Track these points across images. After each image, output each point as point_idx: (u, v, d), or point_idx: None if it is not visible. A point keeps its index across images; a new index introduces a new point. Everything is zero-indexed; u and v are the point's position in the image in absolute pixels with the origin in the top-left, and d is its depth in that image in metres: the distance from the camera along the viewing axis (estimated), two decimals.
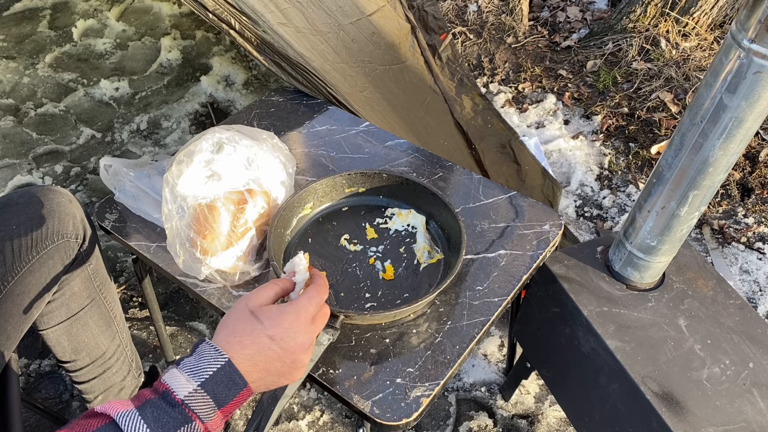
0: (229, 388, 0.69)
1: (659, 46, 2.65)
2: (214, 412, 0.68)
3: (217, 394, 0.69)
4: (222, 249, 1.07)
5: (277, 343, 0.72)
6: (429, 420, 1.57)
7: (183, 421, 0.66)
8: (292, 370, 0.74)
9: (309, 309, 0.76)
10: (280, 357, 0.73)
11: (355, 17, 1.68)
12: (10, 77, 2.69)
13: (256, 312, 0.74)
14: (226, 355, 0.70)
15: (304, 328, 0.74)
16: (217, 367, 0.69)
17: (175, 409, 0.66)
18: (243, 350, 0.71)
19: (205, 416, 0.68)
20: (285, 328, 0.73)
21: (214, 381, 0.69)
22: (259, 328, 0.72)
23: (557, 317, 1.22)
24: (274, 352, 0.72)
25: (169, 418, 0.66)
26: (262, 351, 0.71)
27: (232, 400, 0.70)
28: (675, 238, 1.08)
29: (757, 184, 2.18)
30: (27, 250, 1.07)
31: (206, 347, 0.71)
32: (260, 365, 0.71)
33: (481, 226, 1.21)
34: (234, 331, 0.72)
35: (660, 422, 0.99)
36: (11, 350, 1.07)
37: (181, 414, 0.66)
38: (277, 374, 0.74)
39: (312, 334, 0.76)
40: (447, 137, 1.82)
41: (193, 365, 0.69)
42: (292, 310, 0.74)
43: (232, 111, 2.52)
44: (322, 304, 0.79)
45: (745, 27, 0.80)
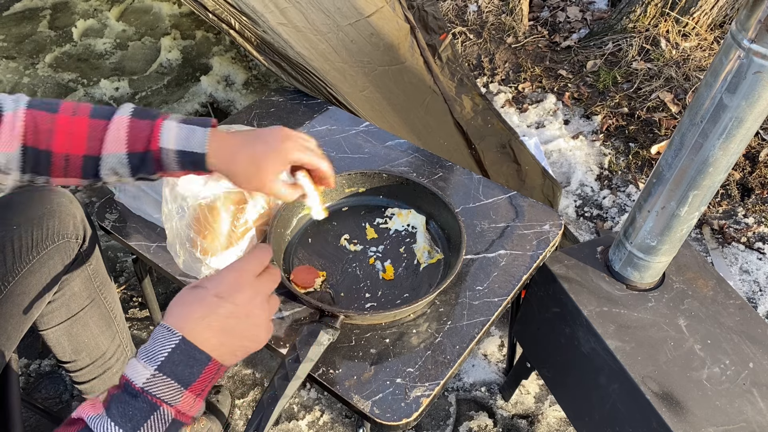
0: (191, 366, 0.68)
1: (659, 46, 2.65)
2: (181, 393, 0.67)
3: (178, 374, 0.67)
4: (222, 249, 1.07)
5: (226, 299, 0.70)
6: (429, 420, 1.57)
7: (149, 409, 0.65)
8: (252, 327, 0.73)
9: (250, 265, 0.75)
10: (233, 313, 0.71)
11: (354, 18, 1.68)
12: (10, 77, 2.69)
13: (199, 283, 0.73)
14: (179, 332, 0.68)
15: (249, 281, 0.73)
16: (171, 347, 0.68)
17: (137, 399, 0.65)
18: (195, 318, 0.69)
19: (172, 399, 0.66)
20: (229, 283, 0.72)
21: (171, 362, 0.67)
22: (203, 292, 0.71)
23: (557, 317, 1.22)
24: (225, 309, 0.70)
25: (135, 410, 0.65)
26: (213, 310, 0.70)
27: (199, 377, 0.68)
28: (675, 238, 1.08)
29: (757, 184, 2.18)
30: (27, 251, 1.07)
31: (159, 329, 0.69)
32: (215, 326, 0.69)
33: (481, 226, 1.21)
34: (182, 304, 0.71)
35: (660, 422, 0.99)
36: (11, 350, 1.07)
37: (145, 402, 0.65)
38: (239, 335, 0.72)
39: (259, 288, 0.74)
40: (447, 137, 1.82)
41: (149, 350, 0.68)
42: (232, 268, 0.73)
43: (232, 111, 2.52)
44: (267, 264, 0.77)
45: (745, 27, 0.81)
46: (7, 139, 0.80)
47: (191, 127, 0.87)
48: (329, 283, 1.12)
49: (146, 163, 0.86)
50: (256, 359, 1.69)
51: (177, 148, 0.86)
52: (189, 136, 0.86)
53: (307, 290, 1.09)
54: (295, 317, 1.06)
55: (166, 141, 0.86)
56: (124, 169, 0.86)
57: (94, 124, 0.84)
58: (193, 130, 0.87)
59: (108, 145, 0.84)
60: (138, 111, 0.87)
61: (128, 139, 0.85)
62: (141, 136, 0.85)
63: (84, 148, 0.84)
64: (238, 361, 0.74)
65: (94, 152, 0.84)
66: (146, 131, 0.85)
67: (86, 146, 0.84)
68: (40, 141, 0.82)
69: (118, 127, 0.84)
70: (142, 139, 0.85)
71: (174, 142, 0.86)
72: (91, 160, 0.85)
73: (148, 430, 0.65)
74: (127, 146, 0.85)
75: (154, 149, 0.86)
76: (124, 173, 0.87)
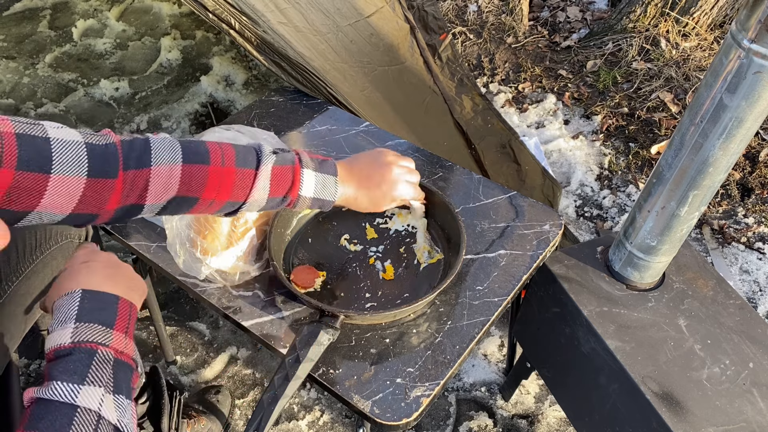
0: (104, 309, 0.74)
1: (659, 46, 2.65)
2: (110, 333, 0.72)
3: (98, 318, 0.73)
4: (222, 249, 1.07)
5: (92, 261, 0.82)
6: (429, 420, 1.57)
7: (88, 357, 0.68)
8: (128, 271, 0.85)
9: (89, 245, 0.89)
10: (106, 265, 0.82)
11: (354, 19, 1.68)
12: (10, 77, 2.69)
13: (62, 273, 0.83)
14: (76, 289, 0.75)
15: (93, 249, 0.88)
16: (77, 301, 0.73)
17: (72, 353, 0.68)
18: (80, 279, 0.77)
19: (104, 339, 0.71)
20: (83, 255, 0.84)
21: (85, 311, 0.73)
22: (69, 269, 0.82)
23: (557, 317, 1.22)
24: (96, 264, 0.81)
25: (74, 363, 0.67)
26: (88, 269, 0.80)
27: (117, 315, 0.75)
28: (675, 238, 1.08)
29: (757, 184, 2.18)
30: (31, 251, 1.07)
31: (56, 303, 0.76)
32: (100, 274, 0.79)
33: (481, 226, 1.21)
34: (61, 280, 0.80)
35: (660, 422, 1.00)
36: (13, 350, 1.07)
37: (81, 352, 0.68)
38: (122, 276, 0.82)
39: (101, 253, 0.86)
40: (447, 137, 1.82)
41: (58, 318, 0.73)
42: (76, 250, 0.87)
43: (232, 111, 2.52)
44: None
45: (745, 27, 0.81)
46: (159, 192, 0.81)
47: (325, 176, 0.95)
48: (329, 283, 1.12)
49: (281, 204, 0.93)
50: (256, 359, 1.70)
51: (313, 196, 0.94)
52: (324, 185, 0.94)
53: (307, 290, 1.09)
54: (295, 317, 1.06)
55: (305, 190, 0.92)
56: (258, 208, 0.92)
57: (241, 173, 0.87)
58: (327, 179, 0.95)
59: (254, 193, 0.88)
60: (279, 158, 0.91)
61: (272, 187, 0.90)
62: (283, 184, 0.91)
63: (229, 195, 0.87)
64: (140, 301, 0.83)
65: (238, 198, 0.88)
66: (288, 180, 0.91)
67: (232, 194, 0.87)
68: (190, 191, 0.84)
69: (264, 177, 0.88)
70: (284, 187, 0.91)
71: (312, 191, 0.93)
72: (232, 204, 0.89)
73: (96, 374, 0.68)
74: (270, 193, 0.89)
75: (293, 196, 0.92)
76: (255, 210, 0.93)
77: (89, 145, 0.74)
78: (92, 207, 0.75)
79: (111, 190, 0.76)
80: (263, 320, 1.06)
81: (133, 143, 0.79)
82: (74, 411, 0.64)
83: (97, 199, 0.75)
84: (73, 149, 0.72)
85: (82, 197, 0.73)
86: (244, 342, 1.73)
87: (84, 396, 0.65)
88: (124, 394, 0.69)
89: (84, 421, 0.64)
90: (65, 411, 0.64)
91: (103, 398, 0.66)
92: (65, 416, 0.63)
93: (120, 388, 0.69)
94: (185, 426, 1.40)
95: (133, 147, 0.78)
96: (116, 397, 0.68)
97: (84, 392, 0.65)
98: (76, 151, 0.72)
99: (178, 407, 1.28)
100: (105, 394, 0.66)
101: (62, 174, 0.71)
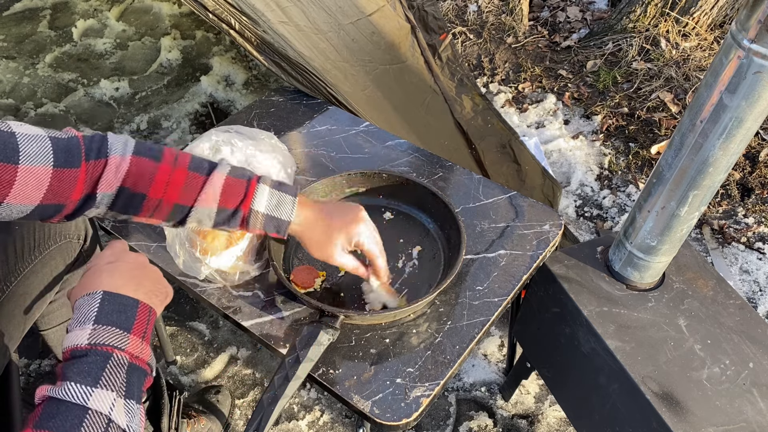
0: (124, 312, 0.74)
1: (659, 46, 2.65)
2: (126, 337, 0.72)
3: (116, 321, 0.73)
4: (222, 249, 1.07)
5: (118, 261, 0.82)
6: (429, 420, 1.57)
7: (103, 360, 0.69)
8: (154, 274, 0.84)
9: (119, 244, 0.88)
10: (132, 266, 0.82)
11: (355, 17, 1.68)
12: (10, 77, 2.69)
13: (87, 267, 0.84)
14: (98, 290, 0.75)
15: (126, 250, 0.86)
16: (98, 303, 0.74)
17: (88, 355, 0.69)
18: (104, 280, 0.77)
19: (120, 343, 0.71)
20: (111, 254, 0.84)
21: (104, 313, 0.73)
22: (95, 268, 0.81)
23: (557, 317, 1.22)
24: (123, 265, 0.81)
25: (89, 365, 0.68)
26: (114, 269, 0.80)
27: (135, 319, 0.75)
28: (675, 238, 1.08)
29: (757, 184, 2.18)
30: (30, 251, 1.07)
31: (77, 302, 0.76)
32: (125, 276, 0.79)
33: (481, 226, 1.21)
34: (86, 279, 0.80)
35: (660, 422, 1.00)
36: (13, 350, 1.07)
37: (96, 355, 0.69)
38: (148, 279, 0.81)
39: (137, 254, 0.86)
40: (447, 137, 1.82)
41: (77, 318, 0.73)
42: (105, 250, 0.86)
43: (232, 111, 2.52)
44: None
45: (745, 27, 0.81)
46: (111, 180, 0.83)
47: (282, 194, 0.92)
48: (329, 283, 1.12)
49: (233, 219, 0.91)
50: (256, 359, 1.70)
51: (266, 213, 0.91)
52: (279, 203, 0.92)
53: (307, 290, 1.09)
54: (295, 317, 1.06)
55: (258, 204, 0.90)
56: (209, 220, 0.90)
57: (192, 177, 0.88)
58: (284, 197, 0.92)
59: (202, 198, 0.88)
60: (234, 169, 0.91)
61: (222, 197, 0.89)
62: (235, 195, 0.89)
63: (177, 197, 0.87)
64: (162, 306, 0.82)
65: (186, 202, 0.88)
66: (241, 192, 0.89)
67: (180, 196, 0.87)
68: (138, 185, 0.85)
69: (215, 184, 0.88)
70: (235, 199, 0.89)
71: (265, 207, 0.91)
72: (181, 208, 0.88)
73: (110, 378, 0.68)
74: (219, 203, 0.89)
75: (244, 210, 0.90)
76: (207, 223, 0.91)
77: (52, 138, 0.78)
78: (58, 197, 0.79)
79: (75, 179, 0.80)
80: (263, 320, 1.06)
81: (93, 137, 0.83)
82: (85, 413, 0.64)
83: (62, 188, 0.78)
84: (38, 142, 0.76)
85: (49, 187, 0.77)
86: (244, 342, 1.73)
87: (96, 399, 0.65)
88: (135, 399, 0.70)
89: (94, 424, 0.64)
90: (76, 412, 0.64)
91: (115, 402, 0.66)
92: (76, 417, 0.64)
93: (132, 392, 0.69)
94: (185, 426, 1.40)
95: (93, 140, 0.83)
96: (127, 401, 0.68)
97: (96, 395, 0.66)
98: (41, 143, 0.76)
99: (177, 407, 1.28)
100: (117, 398, 0.67)
101: (29, 164, 0.74)
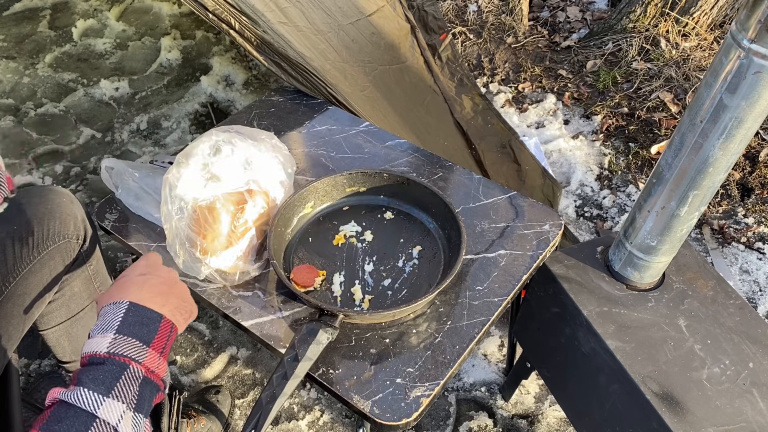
0: (146, 325, 0.74)
1: (659, 46, 2.65)
2: (145, 350, 0.72)
3: (137, 333, 0.73)
4: (222, 249, 1.07)
5: (150, 275, 0.82)
6: (429, 420, 1.57)
7: (119, 370, 0.69)
8: (183, 292, 0.84)
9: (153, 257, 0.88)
10: (162, 281, 0.82)
11: (355, 18, 1.68)
12: (10, 77, 2.69)
13: (119, 278, 0.84)
14: (125, 300, 0.75)
15: (160, 264, 0.87)
16: (122, 312, 0.74)
17: (105, 363, 0.69)
18: (133, 291, 0.78)
19: (138, 356, 0.71)
20: (145, 266, 0.84)
21: (127, 324, 0.73)
22: (126, 278, 0.82)
23: (557, 317, 1.22)
24: (154, 279, 0.81)
25: (105, 373, 0.68)
26: (145, 281, 0.80)
27: (156, 334, 0.75)
28: (675, 238, 1.08)
29: (757, 184, 2.18)
30: (29, 251, 1.07)
31: (103, 309, 0.76)
32: (154, 290, 0.79)
33: (481, 226, 1.21)
34: (116, 288, 0.80)
35: (660, 422, 0.99)
36: (12, 350, 1.07)
37: (113, 365, 0.69)
38: (175, 296, 0.82)
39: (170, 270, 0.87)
40: (447, 137, 1.82)
41: (101, 325, 0.73)
42: (139, 261, 0.86)
43: (232, 111, 2.52)
44: None
45: (745, 27, 0.81)
46: None
47: None
48: (329, 282, 1.12)
49: None
50: (256, 359, 1.70)
51: None
52: None
53: (307, 289, 1.09)
54: (295, 317, 1.06)
55: None
56: None
57: None
58: None
59: None
60: None
61: None
62: None
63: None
64: (185, 324, 0.82)
65: None
66: None
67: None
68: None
69: None
70: None
71: None
72: None
73: (123, 389, 0.68)
74: None
75: None
76: None
77: None
78: None
79: None
80: (263, 320, 1.06)
81: None
82: (92, 421, 0.64)
83: None
84: None
85: None
86: (244, 342, 1.73)
87: (106, 408, 0.65)
88: (143, 413, 0.69)
89: None
90: (84, 419, 0.64)
91: (123, 414, 0.66)
92: (83, 424, 0.64)
93: (141, 407, 0.69)
94: (185, 426, 1.40)
95: None
96: (135, 415, 0.68)
97: (107, 405, 0.66)
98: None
99: (177, 407, 1.28)
100: (126, 411, 0.67)
101: None
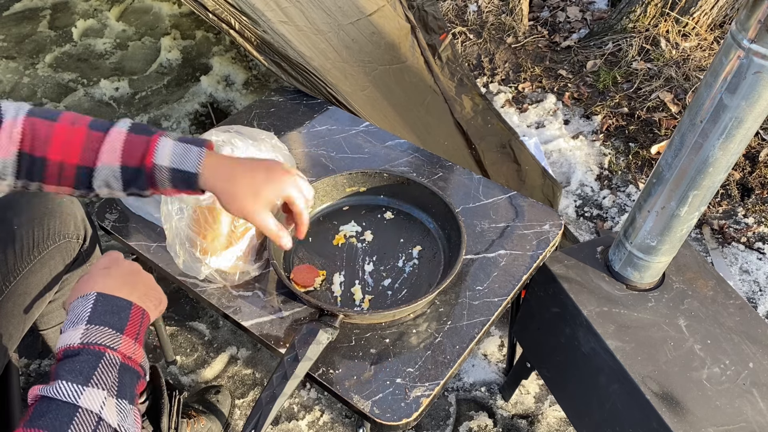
0: (117, 313, 0.75)
1: (659, 46, 2.65)
2: (119, 337, 0.72)
3: (109, 322, 0.73)
4: (222, 249, 1.07)
5: (113, 268, 0.82)
6: (429, 420, 1.57)
7: (95, 359, 0.69)
8: (148, 280, 0.85)
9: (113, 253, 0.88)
10: (126, 272, 0.82)
11: (355, 17, 1.68)
12: (10, 77, 2.69)
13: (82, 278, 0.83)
14: (92, 292, 0.76)
15: (117, 257, 0.86)
16: (91, 304, 0.74)
17: (80, 354, 0.69)
18: (98, 283, 0.78)
19: (112, 343, 0.71)
20: (107, 261, 0.84)
21: (97, 314, 0.74)
22: (88, 275, 0.82)
23: (557, 317, 1.22)
24: (117, 270, 0.81)
25: (81, 363, 0.68)
26: (108, 274, 0.80)
27: (128, 321, 0.75)
28: (675, 238, 1.08)
29: (757, 184, 2.18)
30: (29, 251, 1.07)
31: (72, 304, 0.76)
32: (119, 281, 0.79)
33: (481, 226, 1.21)
34: (81, 283, 0.80)
35: (660, 422, 0.99)
36: (12, 350, 1.07)
37: (89, 354, 0.69)
38: (141, 284, 0.82)
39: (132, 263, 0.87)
40: (447, 137, 1.82)
41: (71, 319, 0.74)
42: (101, 259, 0.86)
43: (232, 111, 2.52)
44: None
45: (745, 27, 0.81)
46: (5, 144, 0.82)
47: (187, 145, 0.87)
48: (329, 282, 1.12)
49: (139, 178, 0.87)
50: (256, 359, 1.70)
51: (171, 166, 0.86)
52: (184, 155, 0.86)
53: (307, 289, 1.09)
54: (295, 317, 1.06)
55: (160, 158, 0.85)
56: (117, 182, 0.86)
57: (92, 135, 0.85)
58: (189, 148, 0.86)
59: (103, 156, 0.85)
60: (136, 126, 0.87)
61: (123, 153, 0.85)
62: (137, 150, 0.85)
63: (78, 158, 0.84)
64: (156, 312, 0.83)
65: (88, 163, 0.85)
66: (142, 146, 0.85)
67: (81, 156, 0.84)
68: (36, 148, 0.83)
69: (114, 139, 0.85)
70: (137, 154, 0.85)
71: (168, 160, 0.85)
72: (84, 170, 0.85)
73: (101, 377, 0.68)
74: (122, 159, 0.85)
75: (148, 165, 0.85)
76: (116, 187, 0.87)
77: None
78: None
79: None
80: (263, 320, 1.06)
81: None
82: (75, 411, 0.64)
83: None
84: None
85: None
86: (244, 342, 1.73)
87: (86, 397, 0.65)
88: (127, 399, 0.70)
89: (84, 422, 0.64)
90: (66, 410, 0.64)
91: (105, 401, 0.66)
92: (66, 415, 0.64)
93: (124, 392, 0.69)
94: (185, 426, 1.40)
95: None
96: (119, 401, 0.68)
97: (87, 393, 0.66)
98: None
99: (177, 407, 1.28)
100: (107, 397, 0.67)
101: None
